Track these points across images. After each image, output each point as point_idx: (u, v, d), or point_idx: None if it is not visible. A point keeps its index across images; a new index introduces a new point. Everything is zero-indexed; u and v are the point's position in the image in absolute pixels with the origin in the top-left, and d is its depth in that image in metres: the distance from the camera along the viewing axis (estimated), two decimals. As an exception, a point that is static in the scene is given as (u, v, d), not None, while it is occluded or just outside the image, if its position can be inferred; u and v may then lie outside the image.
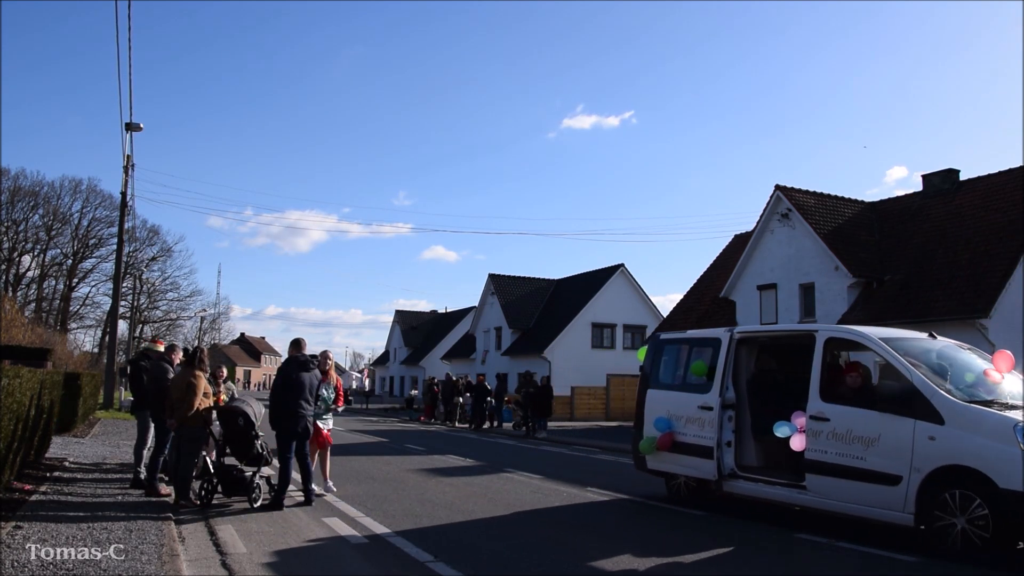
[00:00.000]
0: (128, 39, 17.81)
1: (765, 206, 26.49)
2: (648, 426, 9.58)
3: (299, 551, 6.37)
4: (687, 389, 9.36)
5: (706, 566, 6.37)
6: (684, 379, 9.56)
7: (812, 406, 7.78)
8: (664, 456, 9.31)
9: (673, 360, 9.96)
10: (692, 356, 9.60)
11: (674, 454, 9.17)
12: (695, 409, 8.99)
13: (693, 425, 8.98)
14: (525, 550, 6.64)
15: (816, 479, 7.60)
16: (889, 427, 7.06)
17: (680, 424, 9.15)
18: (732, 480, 8.64)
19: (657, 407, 9.59)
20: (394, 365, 65.84)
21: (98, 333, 53.75)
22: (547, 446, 19.49)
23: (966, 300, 19.62)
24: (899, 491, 6.88)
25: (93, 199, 50.73)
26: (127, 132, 23.90)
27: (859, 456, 7.23)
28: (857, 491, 7.24)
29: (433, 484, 10.71)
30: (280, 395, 8.52)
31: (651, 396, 9.82)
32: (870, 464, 7.13)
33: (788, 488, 7.97)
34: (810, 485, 7.67)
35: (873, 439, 7.16)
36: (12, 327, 21.39)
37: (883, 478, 6.99)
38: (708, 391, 8.94)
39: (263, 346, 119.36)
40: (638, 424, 9.94)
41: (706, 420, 8.83)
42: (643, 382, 10.10)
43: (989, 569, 6.34)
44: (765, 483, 8.32)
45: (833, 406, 7.61)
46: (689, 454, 8.98)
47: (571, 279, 44.09)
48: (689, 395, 9.22)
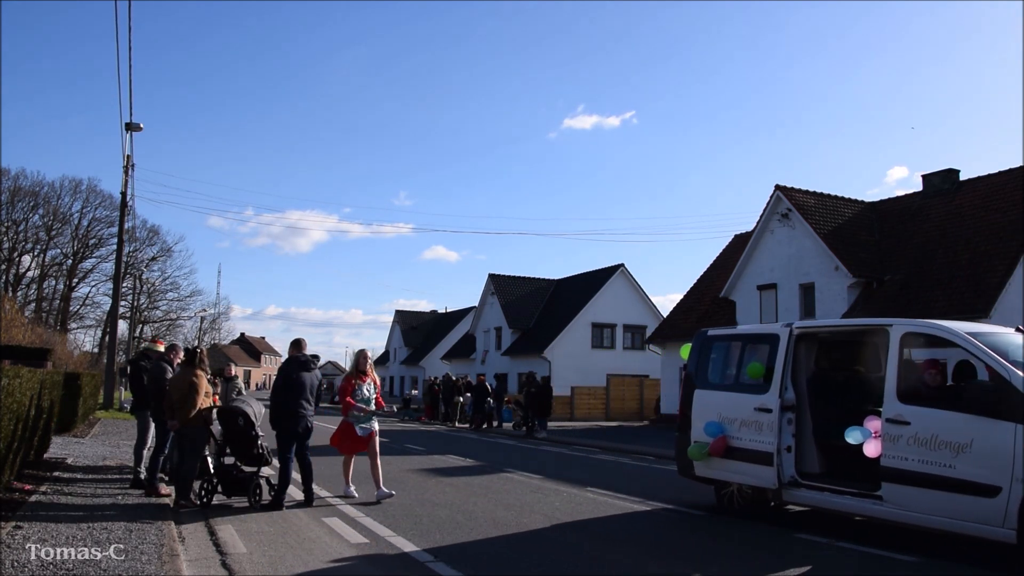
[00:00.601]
0: (128, 39, 17.83)
1: (765, 206, 26.50)
2: (697, 430, 8.91)
3: (299, 551, 6.37)
4: (741, 389, 8.65)
5: (709, 564, 6.36)
6: (737, 379, 8.88)
7: (889, 408, 7.09)
8: (715, 462, 8.61)
9: (723, 358, 9.29)
10: (746, 354, 8.91)
11: (727, 460, 8.46)
12: (751, 411, 8.29)
13: (749, 429, 8.29)
14: (526, 550, 6.64)
15: (894, 489, 6.87)
16: (984, 432, 6.36)
17: (734, 428, 8.45)
18: (793, 489, 7.96)
19: (706, 409, 8.90)
20: (394, 365, 65.84)
21: (98, 333, 53.81)
22: (547, 446, 19.50)
23: (966, 300, 19.63)
24: (998, 504, 6.16)
25: (93, 199, 50.82)
26: (127, 132, 23.93)
27: (947, 464, 6.52)
28: (945, 503, 6.53)
29: (433, 484, 10.71)
30: (281, 395, 8.52)
31: (699, 397, 9.12)
32: (960, 473, 6.42)
33: (860, 498, 7.25)
34: (887, 495, 6.95)
35: (964, 445, 6.44)
36: (12, 327, 21.40)
37: (978, 489, 6.29)
38: (766, 392, 8.23)
39: (263, 346, 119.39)
40: (683, 427, 9.26)
41: (764, 423, 8.14)
42: (688, 382, 9.42)
43: (989, 569, 6.35)
44: (832, 492, 7.60)
45: (913, 408, 6.92)
46: (744, 460, 8.30)
47: (571, 279, 44.11)
48: (744, 396, 8.52)
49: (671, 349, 31.22)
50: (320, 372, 9.15)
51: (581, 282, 41.97)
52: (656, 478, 12.61)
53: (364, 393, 9.19)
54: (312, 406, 8.70)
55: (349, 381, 9.30)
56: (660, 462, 15.40)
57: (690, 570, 6.21)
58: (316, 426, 9.20)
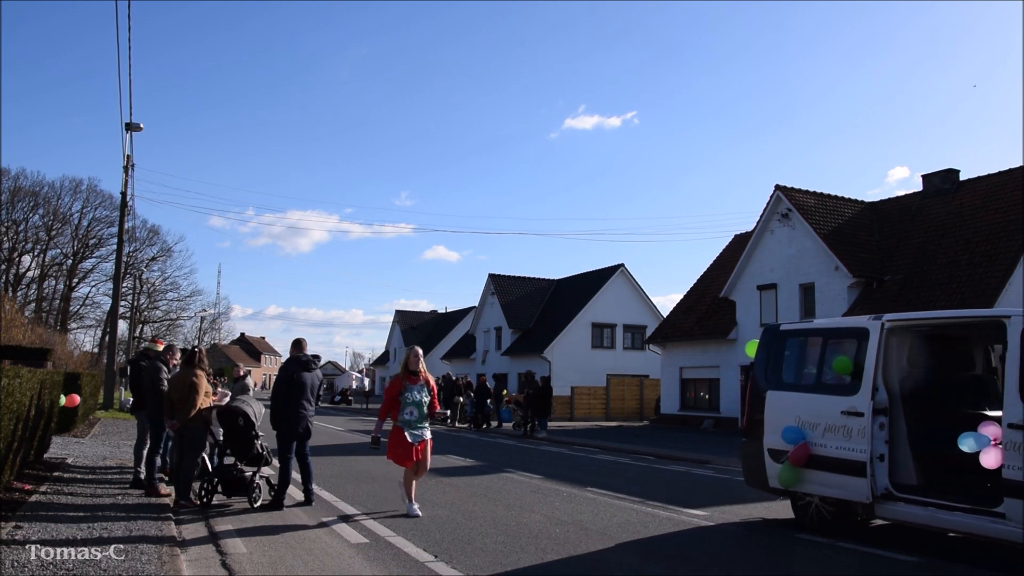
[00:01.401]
0: (128, 39, 17.82)
1: (765, 206, 26.52)
2: (771, 435, 8.03)
3: (299, 551, 6.37)
4: (825, 391, 7.78)
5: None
6: (819, 378, 7.99)
7: (1011, 412, 6.20)
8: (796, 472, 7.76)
9: (799, 355, 8.43)
10: (828, 350, 8.02)
11: (809, 470, 7.58)
12: (838, 415, 7.42)
13: (835, 435, 7.41)
14: (526, 549, 6.64)
15: (1019, 505, 6.02)
16: None
17: (816, 433, 7.58)
18: (888, 503, 7.07)
19: (782, 413, 8.00)
20: (394, 365, 65.81)
21: (98, 333, 53.84)
22: (547, 446, 19.49)
23: (966, 300, 19.63)
24: None
25: (93, 199, 50.90)
26: (127, 132, 23.95)
27: None
28: None
29: (433, 484, 10.71)
30: (281, 395, 8.51)
31: (773, 399, 8.19)
32: None
33: (976, 516, 6.36)
34: (1010, 512, 6.08)
35: None
36: (12, 327, 21.41)
37: None
38: (855, 393, 7.34)
39: (263, 346, 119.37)
40: (752, 433, 8.40)
41: (854, 429, 7.25)
42: (756, 382, 8.57)
43: (989, 570, 6.34)
44: (939, 508, 6.67)
45: None
46: (830, 470, 7.40)
47: (571, 279, 44.13)
48: (828, 398, 7.64)
49: (671, 349, 31.24)
50: (320, 372, 9.12)
51: (581, 282, 41.98)
52: (655, 478, 12.62)
53: (415, 397, 8.08)
54: (313, 406, 8.69)
55: (397, 383, 8.19)
56: (660, 462, 15.40)
57: (690, 570, 6.21)
58: (316, 426, 9.19)
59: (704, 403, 29.56)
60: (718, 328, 28.39)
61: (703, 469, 14.28)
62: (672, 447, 18.96)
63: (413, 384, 8.12)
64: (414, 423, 8.04)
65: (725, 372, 28.16)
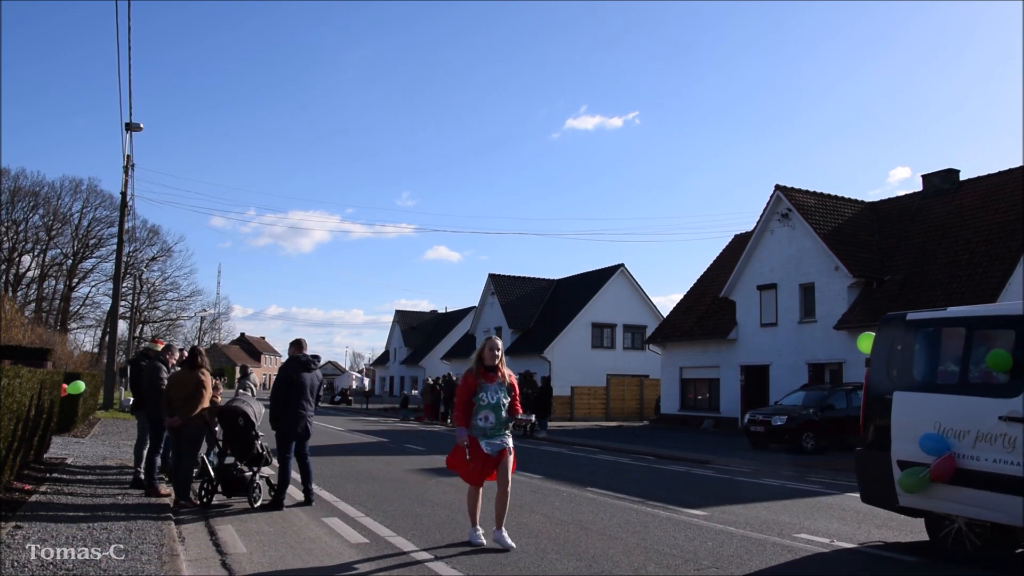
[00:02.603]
0: (128, 39, 17.84)
1: (765, 206, 26.53)
2: (904, 443, 6.77)
3: (299, 551, 6.37)
4: (973, 391, 6.54)
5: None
6: (964, 377, 6.73)
7: None
8: (936, 489, 6.51)
9: (933, 349, 7.15)
10: (975, 343, 6.75)
11: (953, 487, 6.39)
12: (993, 422, 6.18)
13: (990, 445, 6.18)
14: (525, 549, 6.64)
15: None
16: None
17: (965, 444, 6.34)
18: None
19: (917, 419, 6.75)
20: (394, 365, 65.90)
21: (98, 333, 53.87)
22: (547, 446, 19.49)
23: (966, 300, 19.62)
24: None
25: (93, 199, 50.93)
26: (127, 132, 23.95)
27: None
28: None
29: (433, 484, 10.70)
30: (281, 395, 8.51)
31: (902, 402, 6.93)
32: None
33: None
34: None
35: None
36: (12, 327, 21.41)
37: None
38: (1017, 395, 6.10)
39: (263, 346, 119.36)
40: (876, 442, 7.16)
41: (1017, 438, 6.00)
42: (877, 382, 7.35)
43: (989, 570, 6.34)
44: None
45: None
46: (982, 487, 6.19)
47: (571, 279, 44.14)
48: (979, 401, 6.40)
49: (671, 349, 31.24)
50: (320, 372, 9.12)
51: (581, 282, 41.99)
52: (656, 478, 12.62)
53: (491, 399, 6.60)
54: (312, 406, 8.68)
55: (469, 381, 6.69)
56: (660, 462, 15.40)
57: (690, 570, 6.21)
58: (316, 426, 9.18)
59: (704, 403, 29.56)
60: (718, 328, 28.39)
61: (703, 469, 14.28)
62: (672, 447, 18.96)
63: (490, 383, 6.61)
64: (490, 431, 6.58)
65: (725, 372, 28.16)
